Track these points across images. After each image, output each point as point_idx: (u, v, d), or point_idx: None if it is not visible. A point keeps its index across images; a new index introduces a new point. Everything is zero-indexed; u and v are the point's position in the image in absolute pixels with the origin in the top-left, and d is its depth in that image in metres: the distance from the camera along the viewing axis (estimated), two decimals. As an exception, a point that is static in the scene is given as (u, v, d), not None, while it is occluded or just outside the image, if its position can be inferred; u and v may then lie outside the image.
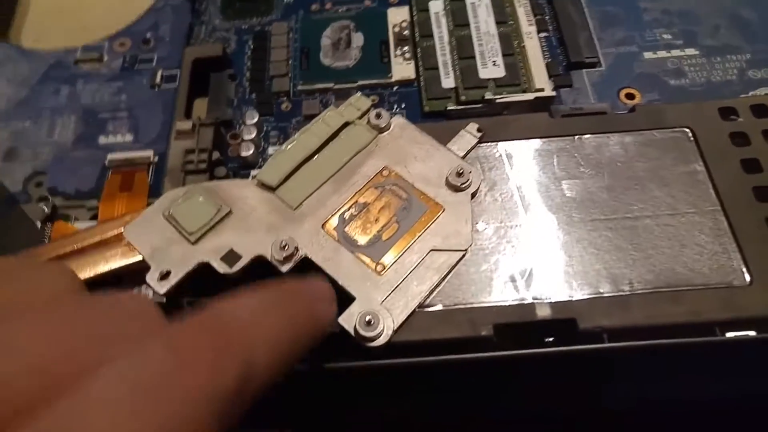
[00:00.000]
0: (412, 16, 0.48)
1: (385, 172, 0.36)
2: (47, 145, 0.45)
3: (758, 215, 0.33)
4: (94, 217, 0.41)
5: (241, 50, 0.49)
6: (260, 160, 0.43)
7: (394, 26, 0.48)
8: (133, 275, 0.35)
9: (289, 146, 0.36)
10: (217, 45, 0.48)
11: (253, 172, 0.42)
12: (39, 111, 0.47)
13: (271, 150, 0.43)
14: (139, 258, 0.34)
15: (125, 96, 0.47)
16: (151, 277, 0.33)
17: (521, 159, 0.37)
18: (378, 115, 0.37)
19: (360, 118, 0.37)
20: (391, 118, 0.37)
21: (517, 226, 0.34)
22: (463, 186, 0.34)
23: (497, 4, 0.47)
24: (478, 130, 0.37)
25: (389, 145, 0.37)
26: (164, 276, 0.32)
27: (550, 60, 0.45)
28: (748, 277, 0.32)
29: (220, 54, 0.47)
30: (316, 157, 0.36)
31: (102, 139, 0.45)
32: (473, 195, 0.35)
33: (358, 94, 0.39)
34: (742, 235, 0.33)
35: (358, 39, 0.48)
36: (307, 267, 0.33)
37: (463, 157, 0.36)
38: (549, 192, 0.35)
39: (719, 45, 0.45)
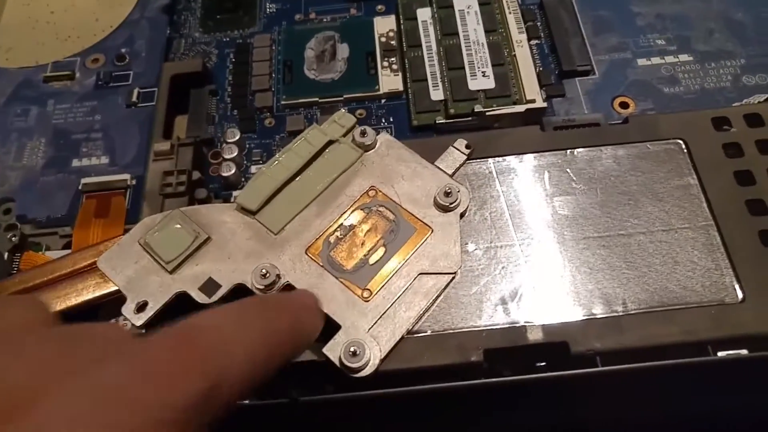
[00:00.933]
0: (399, 24, 0.50)
1: (371, 193, 0.37)
2: (15, 170, 0.46)
3: (751, 229, 0.35)
4: (68, 246, 0.42)
5: (223, 64, 0.51)
6: (243, 179, 0.44)
7: (380, 36, 0.50)
8: (109, 307, 0.36)
9: (270, 167, 0.37)
10: (196, 60, 0.50)
11: (235, 194, 0.43)
12: (6, 133, 0.48)
13: (254, 169, 0.45)
14: (114, 289, 0.35)
15: (99, 116, 0.49)
16: (128, 309, 0.34)
17: (512, 175, 0.38)
18: (363, 133, 0.38)
19: (344, 135, 0.39)
20: (376, 135, 0.39)
21: (507, 246, 0.36)
22: (452, 206, 0.36)
23: (486, 12, 0.48)
24: (467, 147, 0.38)
25: (375, 164, 0.38)
26: (141, 307, 0.34)
27: (541, 69, 0.46)
28: (740, 294, 0.33)
29: (200, 69, 0.49)
30: (298, 178, 0.37)
31: (75, 162, 0.46)
32: (462, 215, 0.36)
33: (342, 110, 0.40)
34: (735, 251, 0.35)
35: (343, 50, 0.49)
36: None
37: (452, 175, 0.37)
38: (540, 210, 0.37)
39: (713, 50, 0.47)
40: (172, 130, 0.47)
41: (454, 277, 0.35)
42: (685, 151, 0.38)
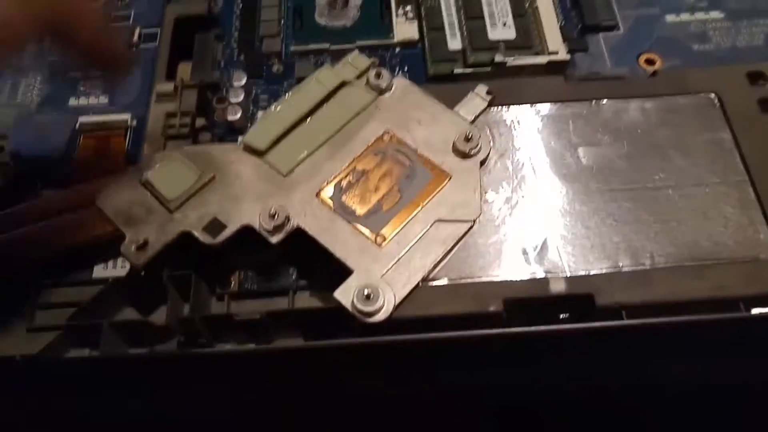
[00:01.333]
0: (414, -29, 0.48)
1: (386, 137, 0.35)
2: (9, 108, 0.44)
3: (788, 186, 0.33)
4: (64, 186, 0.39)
5: (229, 8, 0.48)
6: (248, 125, 0.42)
7: (394, -17, 0.48)
8: (108, 246, 0.34)
9: (279, 107, 0.36)
10: (201, 2, 0.48)
11: (241, 138, 0.41)
12: (-2, 71, 0.46)
13: (260, 115, 0.43)
14: (113, 228, 0.33)
15: (100, 55, 0.46)
16: (127, 248, 0.32)
17: (534, 125, 0.37)
18: (378, 75, 0.37)
19: (358, 78, 0.37)
20: (392, 78, 0.37)
21: (529, 195, 0.34)
22: (472, 152, 0.34)
23: (507, -40, 0.46)
24: (488, 93, 0.37)
25: (390, 108, 0.36)
26: (141, 246, 0.32)
27: (563, 23, 0.44)
28: (775, 251, 0.32)
29: (205, 12, 0.47)
30: (309, 119, 0.36)
31: (72, 101, 0.44)
32: (482, 162, 0.35)
33: (356, 52, 0.38)
34: (772, 207, 0.33)
35: (356, -3, 0.47)
36: (299, 239, 0.33)
37: (472, 122, 0.36)
38: (564, 160, 0.35)
39: (746, 8, 0.44)
40: (175, 76, 0.45)
41: (472, 226, 0.33)
42: (718, 105, 0.36)
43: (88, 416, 0.37)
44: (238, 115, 0.41)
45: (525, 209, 0.34)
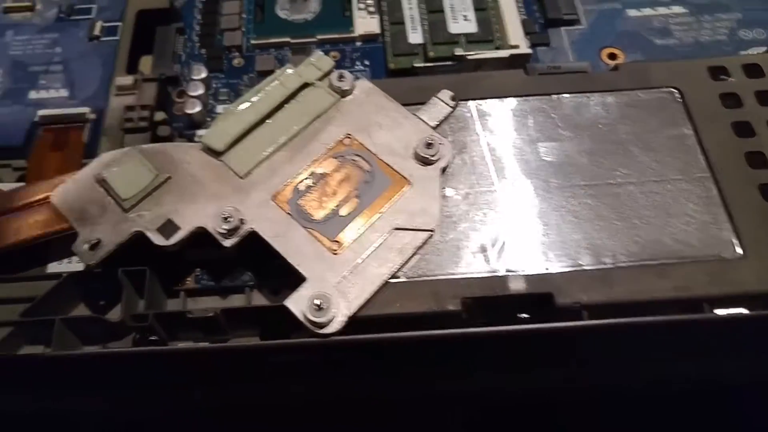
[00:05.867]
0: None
1: (346, 141, 0.33)
2: (-32, 100, 0.41)
3: (751, 183, 0.32)
4: (21, 179, 0.37)
5: (191, 2, 0.46)
6: (208, 119, 0.40)
7: (356, -24, 0.45)
8: (61, 243, 0.32)
9: (238, 107, 0.33)
10: (164, -5, 0.45)
11: (200, 133, 0.39)
12: (-40, 64, 0.43)
13: (220, 108, 0.40)
14: (66, 225, 0.31)
15: (60, 48, 0.44)
16: (79, 247, 0.30)
17: (494, 119, 0.34)
18: (341, 77, 0.34)
19: (320, 79, 0.35)
20: (354, 80, 0.35)
21: (488, 191, 0.32)
22: (433, 159, 0.32)
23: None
24: (452, 99, 0.34)
25: (352, 111, 0.34)
26: (94, 245, 0.30)
27: (525, 17, 0.42)
28: (740, 250, 0.30)
29: (167, 5, 0.44)
30: (269, 120, 0.33)
31: (33, 94, 0.41)
32: (443, 170, 0.32)
33: (319, 52, 0.36)
34: (734, 204, 0.31)
35: (317, -11, 0.45)
36: (253, 243, 0.30)
37: (435, 128, 0.33)
38: (524, 155, 0.33)
39: (708, 2, 0.42)
40: (136, 69, 0.42)
41: (432, 235, 0.31)
42: (680, 100, 0.34)
43: (40, 413, 0.35)
44: (198, 109, 0.39)
45: (484, 205, 0.31)
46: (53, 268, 0.33)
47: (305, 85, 0.34)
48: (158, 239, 0.30)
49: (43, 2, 0.46)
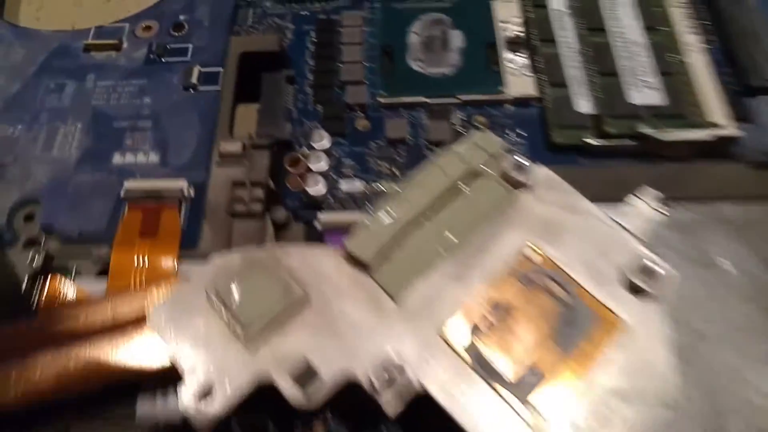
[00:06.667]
0: (525, 11, 0.37)
1: (528, 253, 0.25)
2: (43, 163, 0.34)
3: None
4: (104, 272, 0.30)
5: (300, 43, 0.39)
6: (329, 197, 0.32)
7: (502, 24, 0.37)
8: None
9: (389, 205, 0.26)
10: (271, 36, 0.38)
11: (320, 216, 0.31)
12: (34, 113, 0.36)
13: (343, 185, 0.33)
14: (165, 360, 0.24)
15: (149, 98, 0.37)
16: (187, 394, 0.23)
17: (716, 236, 0.26)
18: (518, 166, 0.26)
19: (486, 164, 0.27)
20: (530, 167, 0.27)
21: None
22: (651, 291, 0.24)
23: (642, 3, 0.36)
24: (661, 201, 0.26)
25: (532, 211, 0.26)
26: (206, 394, 0.23)
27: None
28: None
29: (277, 48, 0.37)
30: (428, 222, 0.26)
31: (117, 158, 0.34)
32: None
33: (487, 132, 0.28)
34: None
35: (456, 38, 0.37)
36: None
37: (645, 242, 0.25)
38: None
39: None
40: (234, 121, 0.35)
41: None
42: None
43: None
44: (322, 191, 0.32)
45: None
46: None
47: (470, 174, 0.27)
48: (295, 397, 0.22)
49: (130, 39, 0.39)
